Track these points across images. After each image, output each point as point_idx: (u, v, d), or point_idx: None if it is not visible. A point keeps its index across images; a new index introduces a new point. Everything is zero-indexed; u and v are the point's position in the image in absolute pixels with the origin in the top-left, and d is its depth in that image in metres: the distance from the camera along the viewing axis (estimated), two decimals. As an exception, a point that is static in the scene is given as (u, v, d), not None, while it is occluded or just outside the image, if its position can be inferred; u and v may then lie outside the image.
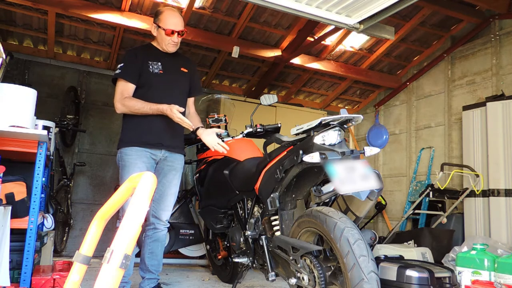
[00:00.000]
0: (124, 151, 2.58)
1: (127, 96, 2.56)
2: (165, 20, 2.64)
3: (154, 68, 2.65)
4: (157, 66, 2.66)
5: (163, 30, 2.63)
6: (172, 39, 2.65)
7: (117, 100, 2.57)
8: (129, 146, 2.57)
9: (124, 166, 2.57)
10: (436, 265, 2.88)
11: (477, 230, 3.94)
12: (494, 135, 3.91)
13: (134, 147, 2.56)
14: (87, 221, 4.64)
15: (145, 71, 2.62)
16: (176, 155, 2.73)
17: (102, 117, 4.92)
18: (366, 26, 3.24)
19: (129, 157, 2.55)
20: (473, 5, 4.38)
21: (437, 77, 5.06)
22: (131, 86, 2.59)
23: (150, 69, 2.63)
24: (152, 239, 2.67)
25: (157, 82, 2.64)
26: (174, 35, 2.64)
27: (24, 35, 4.46)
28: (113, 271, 1.11)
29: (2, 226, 2.11)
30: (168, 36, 2.63)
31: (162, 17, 2.65)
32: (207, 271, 3.82)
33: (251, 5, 4.04)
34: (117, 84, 2.61)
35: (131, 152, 2.56)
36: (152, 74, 2.63)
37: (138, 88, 2.62)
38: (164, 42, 2.67)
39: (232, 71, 5.33)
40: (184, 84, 2.80)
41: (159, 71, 2.66)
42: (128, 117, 2.62)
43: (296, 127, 2.11)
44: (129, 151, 2.56)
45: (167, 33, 2.62)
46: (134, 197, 1.19)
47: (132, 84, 2.59)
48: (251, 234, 2.46)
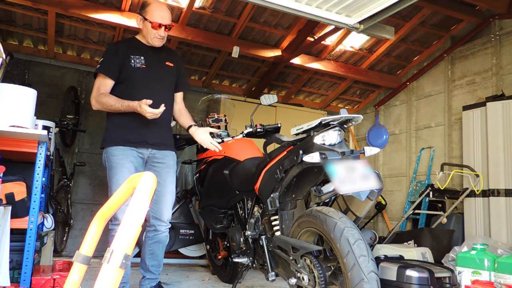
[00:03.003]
0: (110, 151, 2.49)
1: (102, 92, 2.46)
2: (152, 12, 2.53)
3: (136, 62, 2.54)
4: (140, 61, 2.55)
5: (150, 23, 2.52)
6: (158, 32, 2.54)
7: (92, 97, 2.48)
8: (114, 145, 2.48)
9: (111, 167, 2.47)
10: (436, 265, 2.88)
11: (477, 230, 3.94)
12: (494, 135, 3.91)
13: (119, 146, 2.48)
14: (87, 221, 4.64)
15: (126, 66, 2.51)
16: (165, 152, 2.63)
17: (102, 117, 4.85)
18: (366, 26, 3.24)
19: (116, 158, 2.46)
20: (473, 5, 4.38)
21: (437, 77, 5.06)
22: (109, 82, 2.49)
23: (132, 63, 2.52)
24: (153, 241, 2.62)
25: (139, 77, 2.54)
26: (161, 28, 2.53)
27: (24, 35, 4.46)
28: (113, 271, 1.11)
29: (2, 226, 2.11)
30: (155, 29, 2.52)
31: (149, 9, 2.54)
32: (207, 271, 3.82)
33: (251, 5, 4.03)
34: (96, 79, 2.51)
35: (116, 152, 2.47)
36: (134, 69, 2.52)
37: (119, 84, 2.52)
38: (150, 36, 2.56)
39: (232, 71, 5.33)
40: (169, 79, 2.69)
41: (142, 65, 2.55)
42: (111, 115, 2.53)
43: (296, 127, 2.11)
44: (115, 151, 2.48)
45: (153, 26, 2.51)
46: (134, 197, 1.19)
47: (110, 80, 2.49)
48: (251, 234, 2.46)
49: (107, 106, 2.44)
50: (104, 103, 2.44)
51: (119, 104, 2.41)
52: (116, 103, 2.41)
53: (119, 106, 2.41)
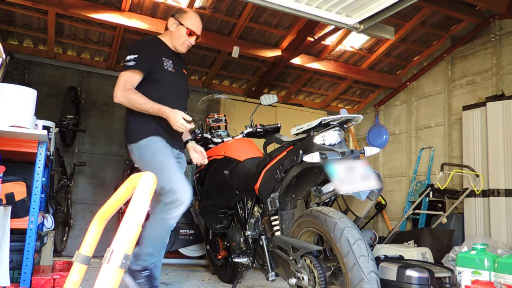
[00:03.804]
0: (151, 140, 2.37)
1: (131, 88, 2.37)
2: (190, 19, 2.56)
3: (168, 65, 2.51)
4: (170, 64, 2.52)
5: (185, 29, 2.54)
6: (189, 40, 2.57)
7: (119, 89, 2.36)
8: (154, 135, 2.39)
9: (157, 152, 2.35)
10: (436, 265, 2.88)
11: (477, 230, 3.94)
12: (494, 135, 3.91)
13: (158, 137, 2.39)
14: (87, 221, 4.64)
15: (159, 67, 2.47)
16: (183, 154, 2.67)
17: (102, 117, 4.92)
18: (366, 26, 3.24)
19: (158, 146, 2.37)
20: (473, 5, 4.38)
21: (437, 77, 5.06)
22: (139, 79, 2.41)
23: (164, 65, 2.49)
24: None
25: (170, 80, 2.51)
26: (192, 37, 2.58)
27: (24, 35, 4.46)
28: (113, 271, 1.11)
29: (2, 226, 2.11)
30: (187, 36, 2.56)
31: (187, 16, 2.57)
32: (207, 271, 3.82)
33: (251, 5, 4.04)
34: (124, 72, 2.40)
35: (158, 141, 2.38)
36: (166, 72, 2.49)
37: (149, 83, 2.44)
38: (180, 41, 2.56)
39: (232, 71, 5.33)
40: (186, 87, 2.72)
41: (171, 69, 2.53)
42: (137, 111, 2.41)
43: (296, 127, 2.11)
44: (155, 140, 2.38)
45: (187, 33, 2.55)
46: (134, 197, 1.19)
47: (140, 76, 2.41)
48: (251, 234, 2.46)
49: (136, 104, 2.34)
50: (133, 100, 2.34)
51: (149, 105, 2.33)
52: (147, 103, 2.33)
53: (149, 107, 2.33)
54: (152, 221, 2.33)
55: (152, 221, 2.32)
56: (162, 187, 2.24)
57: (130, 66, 2.37)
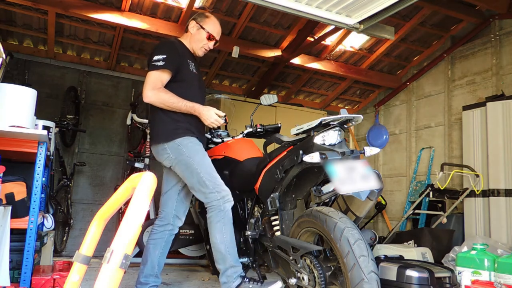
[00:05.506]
0: (189, 139, 2.40)
1: (161, 87, 2.38)
2: (212, 25, 2.60)
3: (192, 67, 2.55)
4: (193, 66, 2.56)
5: (205, 33, 2.57)
6: (208, 44, 2.60)
7: (149, 89, 2.35)
8: (190, 135, 2.42)
9: (196, 152, 2.38)
10: (436, 265, 2.88)
11: (477, 230, 3.94)
12: (494, 135, 3.91)
13: (193, 136, 2.43)
14: (87, 221, 4.64)
15: (185, 67, 2.50)
16: None
17: (102, 117, 4.92)
18: (366, 26, 3.24)
19: (196, 145, 2.40)
20: (473, 5, 4.38)
21: (437, 77, 5.06)
22: (167, 78, 2.41)
23: (190, 67, 2.53)
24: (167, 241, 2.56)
25: (194, 81, 2.55)
26: (212, 41, 2.61)
27: (24, 35, 4.46)
28: (113, 271, 1.11)
29: (2, 226, 2.11)
30: (207, 40, 2.59)
31: (209, 21, 2.60)
32: (207, 271, 3.82)
33: (251, 5, 4.04)
34: (152, 72, 2.39)
35: (195, 140, 2.42)
36: (191, 73, 2.54)
37: (177, 83, 2.45)
38: (199, 44, 2.59)
39: (232, 71, 5.33)
40: (204, 89, 2.75)
41: (195, 71, 2.57)
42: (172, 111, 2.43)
43: (296, 127, 2.11)
44: (192, 139, 2.41)
45: (207, 37, 2.58)
46: (134, 197, 1.19)
47: (169, 76, 2.41)
48: (251, 234, 2.46)
49: (168, 103, 2.36)
50: (165, 100, 2.35)
51: (182, 103, 2.37)
52: (179, 102, 2.36)
53: (182, 105, 2.37)
54: (214, 231, 2.34)
55: (215, 231, 2.33)
56: (207, 185, 2.29)
57: (159, 66, 2.36)
